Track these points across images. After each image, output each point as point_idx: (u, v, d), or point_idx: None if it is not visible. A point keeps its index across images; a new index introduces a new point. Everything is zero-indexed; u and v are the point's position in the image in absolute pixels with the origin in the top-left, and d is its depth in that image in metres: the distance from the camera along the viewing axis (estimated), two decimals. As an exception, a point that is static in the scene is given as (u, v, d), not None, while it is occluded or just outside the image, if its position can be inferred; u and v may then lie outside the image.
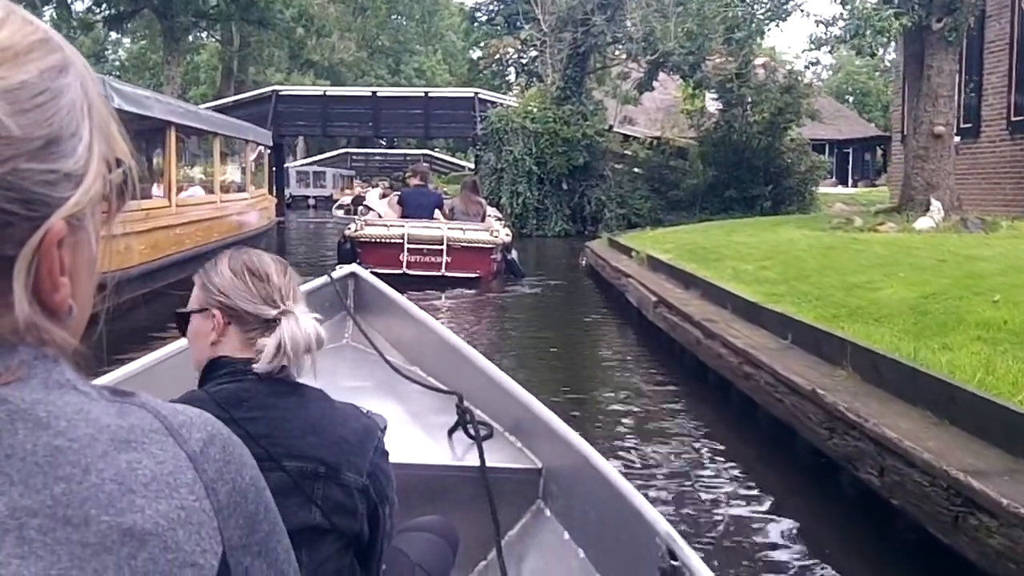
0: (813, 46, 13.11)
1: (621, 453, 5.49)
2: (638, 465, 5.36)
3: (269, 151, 22.46)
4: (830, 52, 13.69)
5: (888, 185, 20.65)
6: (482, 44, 39.61)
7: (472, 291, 12.69)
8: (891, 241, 10.25)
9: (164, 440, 0.65)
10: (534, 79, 30.98)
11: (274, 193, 25.15)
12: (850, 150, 45.48)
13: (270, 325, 1.71)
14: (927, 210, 12.62)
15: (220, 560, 0.64)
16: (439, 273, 12.54)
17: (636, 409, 6.67)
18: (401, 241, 12.48)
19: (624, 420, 6.37)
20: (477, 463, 2.81)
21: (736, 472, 5.32)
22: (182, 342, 2.39)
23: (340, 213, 33.83)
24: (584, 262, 15.35)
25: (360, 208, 22.76)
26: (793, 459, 5.22)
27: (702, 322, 7.10)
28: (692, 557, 1.97)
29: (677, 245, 12.47)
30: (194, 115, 13.58)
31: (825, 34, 12.44)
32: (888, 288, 7.01)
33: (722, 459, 5.53)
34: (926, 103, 12.77)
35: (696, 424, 6.25)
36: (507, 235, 13.53)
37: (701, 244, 12.17)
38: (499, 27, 33.26)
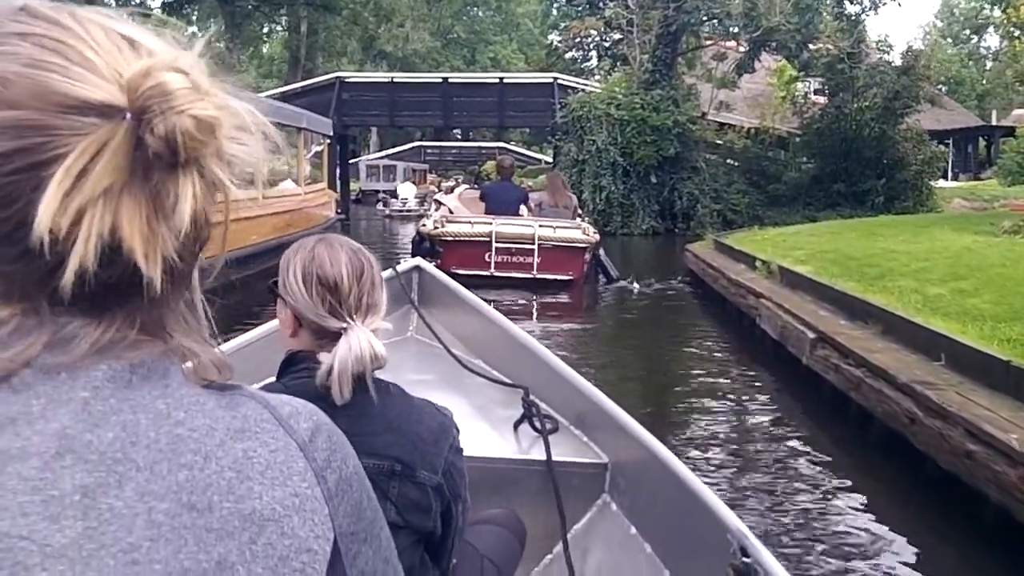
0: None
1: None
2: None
3: (330, 141, 20.36)
4: (1002, 9, 10.91)
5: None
6: (562, 27, 37.11)
7: (564, 297, 11.27)
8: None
9: (275, 430, 0.66)
10: (619, 63, 28.39)
11: (336, 188, 23.12)
12: (950, 141, 42.01)
13: (336, 337, 1.62)
14: None
15: (332, 546, 0.65)
16: (529, 275, 11.25)
17: (831, 527, 4.28)
18: (488, 239, 11.30)
19: (802, 542, 4.00)
20: (543, 456, 2.71)
21: None
22: (260, 330, 2.98)
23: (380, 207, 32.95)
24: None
25: (417, 203, 20.93)
26: None
27: (914, 386, 4.67)
28: (765, 554, 1.87)
29: (811, 253, 9.97)
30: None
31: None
32: None
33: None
34: None
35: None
36: (595, 233, 11.97)
37: (844, 252, 9.66)
38: (580, 7, 30.68)
